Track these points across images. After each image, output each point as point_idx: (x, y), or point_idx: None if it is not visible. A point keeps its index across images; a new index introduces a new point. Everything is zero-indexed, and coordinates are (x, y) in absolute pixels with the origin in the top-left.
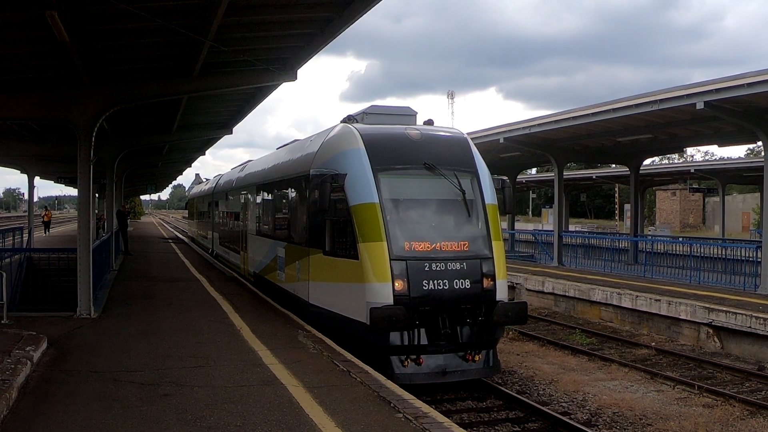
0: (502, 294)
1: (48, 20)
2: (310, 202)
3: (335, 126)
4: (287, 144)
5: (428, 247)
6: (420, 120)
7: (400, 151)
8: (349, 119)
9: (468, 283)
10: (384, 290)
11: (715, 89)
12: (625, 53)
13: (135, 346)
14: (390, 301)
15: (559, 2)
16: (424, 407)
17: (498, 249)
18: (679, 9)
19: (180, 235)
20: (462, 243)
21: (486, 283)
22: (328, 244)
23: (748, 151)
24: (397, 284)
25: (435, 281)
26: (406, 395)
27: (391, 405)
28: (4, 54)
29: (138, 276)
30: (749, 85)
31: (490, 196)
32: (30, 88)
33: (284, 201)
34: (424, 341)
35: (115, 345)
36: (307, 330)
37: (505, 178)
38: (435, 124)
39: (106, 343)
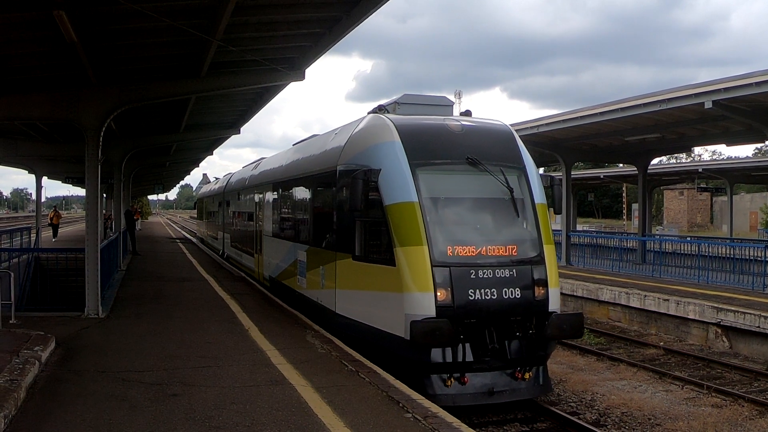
0: (555, 304)
1: (56, 20)
2: (338, 201)
3: (364, 117)
4: (305, 139)
5: (473, 252)
6: (456, 111)
7: (439, 144)
8: (379, 109)
9: (518, 292)
10: (425, 301)
11: (723, 88)
12: (630, 53)
13: (143, 346)
14: (432, 312)
15: (564, 2)
16: (433, 407)
17: (550, 253)
18: (684, 8)
19: (187, 235)
20: (510, 247)
21: (538, 291)
22: (359, 247)
23: (756, 151)
24: (439, 294)
25: (482, 290)
26: (415, 395)
27: (400, 405)
28: (12, 54)
29: (146, 276)
30: (757, 84)
31: (539, 195)
32: (38, 88)
33: (306, 200)
34: (469, 357)
35: (123, 345)
36: (315, 330)
37: (554, 174)
38: (473, 116)
39: (114, 343)
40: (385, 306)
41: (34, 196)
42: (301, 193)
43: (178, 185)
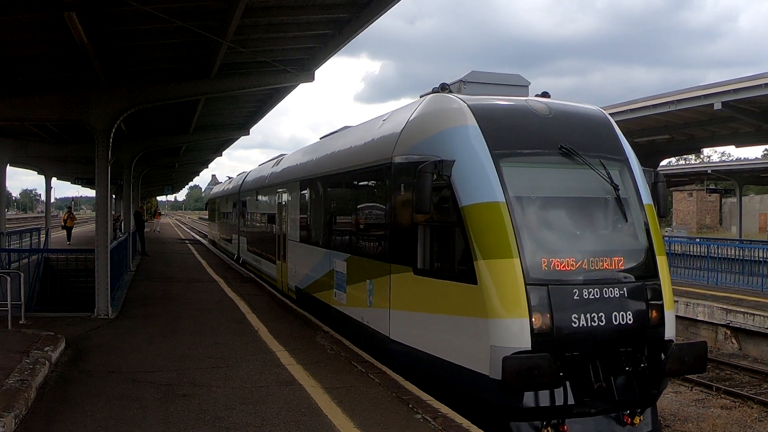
0: (671, 330)
1: (66, 21)
2: (393, 201)
3: (424, 97)
4: (336, 131)
5: (573, 266)
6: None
7: (525, 129)
8: (443, 89)
9: (630, 317)
10: (518, 329)
11: (733, 89)
12: (639, 54)
13: (153, 346)
14: (526, 344)
15: (572, 3)
16: (443, 408)
17: (663, 266)
18: (692, 9)
19: (197, 236)
20: (618, 259)
21: (653, 315)
22: (423, 259)
23: (765, 152)
24: (535, 320)
25: (588, 315)
26: (424, 396)
27: (410, 406)
28: (23, 55)
29: (155, 277)
30: (766, 85)
31: (646, 194)
32: (48, 89)
33: (346, 200)
34: (570, 400)
35: (133, 345)
36: (324, 331)
37: (656, 169)
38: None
39: (124, 343)
40: (461, 334)
41: (43, 197)
42: (339, 191)
43: (187, 186)
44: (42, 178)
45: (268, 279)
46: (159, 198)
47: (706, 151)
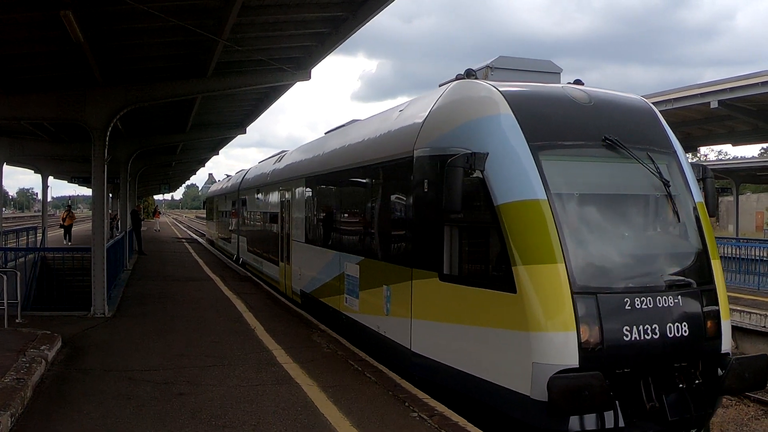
0: (727, 343)
1: (63, 20)
2: (414, 198)
3: (449, 83)
4: (344, 125)
5: (623, 271)
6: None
7: (565, 119)
8: (468, 75)
9: (685, 328)
10: (565, 344)
11: (729, 88)
12: (636, 53)
13: (149, 345)
14: (573, 361)
15: (570, 2)
16: (439, 406)
17: (718, 272)
18: (690, 8)
19: (193, 235)
20: (670, 264)
21: (709, 326)
22: (451, 263)
23: (762, 150)
24: (583, 333)
25: (640, 327)
26: (421, 394)
27: (406, 404)
28: (19, 54)
29: (152, 275)
30: (763, 83)
31: (696, 191)
32: (44, 88)
33: (358, 197)
34: (621, 423)
35: (130, 344)
36: (321, 330)
37: (705, 164)
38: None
39: (120, 342)
40: (497, 349)
41: (40, 196)
42: (350, 188)
43: (183, 185)
44: (39, 177)
45: (270, 281)
46: (156, 197)
47: (703, 149)
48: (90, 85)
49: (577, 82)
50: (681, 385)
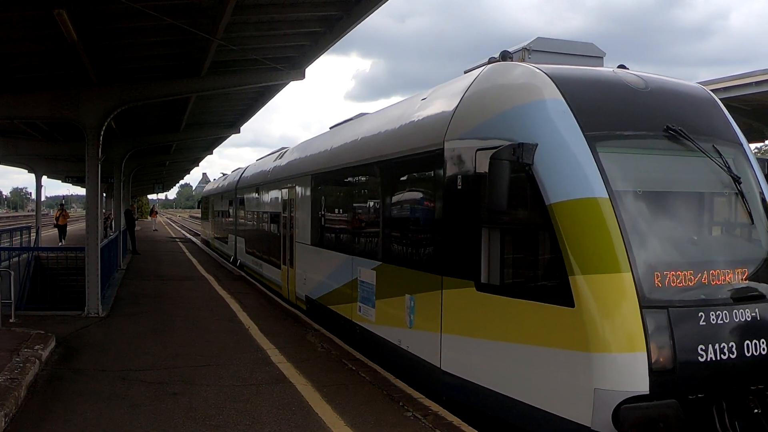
0: None
1: (56, 19)
2: (447, 196)
3: (480, 67)
4: (351, 119)
5: (693, 280)
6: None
7: (621, 106)
8: (504, 58)
9: (764, 346)
10: (632, 367)
11: (723, 88)
12: (630, 52)
13: (143, 344)
14: (644, 387)
15: (563, 2)
16: (434, 406)
17: None
18: (683, 7)
19: (187, 234)
20: (743, 271)
21: None
22: (490, 271)
23: (756, 150)
24: (654, 354)
25: (716, 345)
26: (415, 394)
27: (400, 404)
28: (13, 53)
29: (146, 275)
30: (757, 83)
31: (766, 188)
32: (38, 87)
33: (374, 195)
34: None
35: (124, 344)
36: (315, 329)
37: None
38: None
39: (114, 341)
40: (548, 371)
41: (34, 196)
42: (365, 186)
43: (177, 184)
44: (33, 176)
45: (271, 285)
46: (149, 196)
47: None
48: (84, 84)
49: (622, 66)
50: (756, 410)
